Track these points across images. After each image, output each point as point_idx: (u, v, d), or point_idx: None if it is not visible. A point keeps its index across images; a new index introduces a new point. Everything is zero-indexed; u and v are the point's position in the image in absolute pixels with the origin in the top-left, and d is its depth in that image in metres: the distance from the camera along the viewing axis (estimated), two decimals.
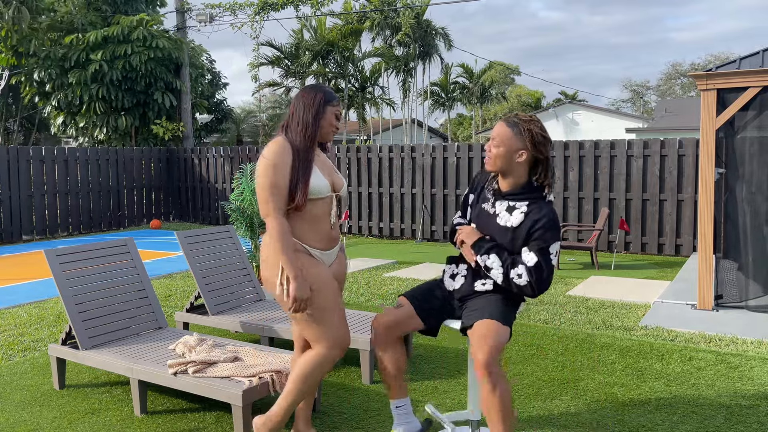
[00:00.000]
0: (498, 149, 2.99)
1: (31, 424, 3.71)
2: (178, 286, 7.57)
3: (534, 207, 2.98)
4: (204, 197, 14.42)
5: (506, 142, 2.97)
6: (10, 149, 11.84)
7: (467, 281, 3.11)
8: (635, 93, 58.69)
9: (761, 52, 6.09)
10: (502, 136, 2.99)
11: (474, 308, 3.00)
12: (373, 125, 35.47)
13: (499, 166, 3.02)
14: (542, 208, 2.97)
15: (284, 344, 5.17)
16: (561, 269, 8.49)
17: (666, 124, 28.11)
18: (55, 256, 4.18)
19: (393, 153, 11.79)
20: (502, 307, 2.97)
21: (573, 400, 3.95)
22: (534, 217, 2.95)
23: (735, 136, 6.00)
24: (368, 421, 3.67)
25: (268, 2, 17.23)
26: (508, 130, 2.98)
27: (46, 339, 5.44)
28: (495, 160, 3.01)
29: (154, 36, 15.45)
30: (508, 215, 3.01)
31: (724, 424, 3.60)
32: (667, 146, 9.55)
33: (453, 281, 3.17)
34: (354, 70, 28.75)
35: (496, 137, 3.00)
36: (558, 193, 10.30)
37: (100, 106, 15.84)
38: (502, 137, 2.98)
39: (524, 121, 2.99)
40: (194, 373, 3.56)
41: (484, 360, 2.75)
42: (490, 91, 36.69)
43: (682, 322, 5.63)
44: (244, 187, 6.43)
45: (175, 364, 3.61)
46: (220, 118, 21.71)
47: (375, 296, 6.87)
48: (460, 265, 3.19)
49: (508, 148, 2.97)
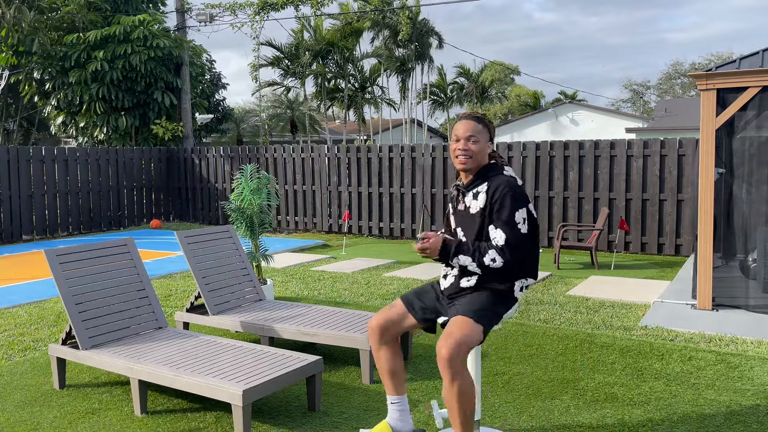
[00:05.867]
0: (477, 144, 3.09)
1: (31, 424, 3.71)
2: (178, 286, 7.57)
3: (491, 183, 3.07)
4: (204, 197, 14.42)
5: (480, 136, 3.10)
6: (10, 149, 11.84)
7: (455, 279, 3.15)
8: (635, 93, 58.71)
9: (761, 52, 6.09)
10: (476, 131, 3.10)
11: (456, 306, 3.06)
12: (373, 125, 35.48)
13: (478, 161, 3.11)
14: (498, 180, 3.06)
15: (284, 344, 5.18)
16: (561, 269, 8.49)
17: (666, 124, 28.12)
18: (55, 256, 4.18)
19: (393, 153, 11.79)
20: (480, 306, 2.98)
21: (573, 400, 3.95)
22: (491, 192, 3.04)
23: (735, 135, 6.00)
24: (368, 421, 3.68)
25: (268, 2, 17.23)
26: (478, 125, 3.12)
27: (46, 339, 5.44)
28: (476, 155, 3.09)
29: (155, 35, 15.45)
30: (475, 201, 3.08)
31: (724, 424, 3.60)
32: (667, 146, 9.55)
33: (445, 280, 3.23)
34: (354, 70, 28.76)
35: (473, 133, 3.09)
36: (558, 193, 10.30)
37: (100, 106, 15.83)
38: (477, 132, 3.10)
39: (482, 116, 3.18)
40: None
41: (446, 354, 2.81)
42: (490, 91, 36.70)
43: (682, 321, 5.63)
44: (244, 187, 6.43)
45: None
46: (220, 118, 21.71)
47: (375, 296, 6.87)
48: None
49: (483, 141, 3.11)
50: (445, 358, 2.80)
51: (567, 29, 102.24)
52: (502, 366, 4.58)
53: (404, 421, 3.30)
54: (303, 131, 29.91)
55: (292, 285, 7.55)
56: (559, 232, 8.88)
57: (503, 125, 37.90)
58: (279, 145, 13.67)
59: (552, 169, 10.38)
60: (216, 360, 3.82)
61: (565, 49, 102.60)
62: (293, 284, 7.60)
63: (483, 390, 4.12)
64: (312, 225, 12.81)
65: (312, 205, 12.76)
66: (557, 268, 8.52)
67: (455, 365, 2.80)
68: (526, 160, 10.56)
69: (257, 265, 6.53)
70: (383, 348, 3.25)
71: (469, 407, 2.86)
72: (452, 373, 2.80)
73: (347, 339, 4.35)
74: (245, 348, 4.03)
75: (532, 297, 6.75)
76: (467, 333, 2.85)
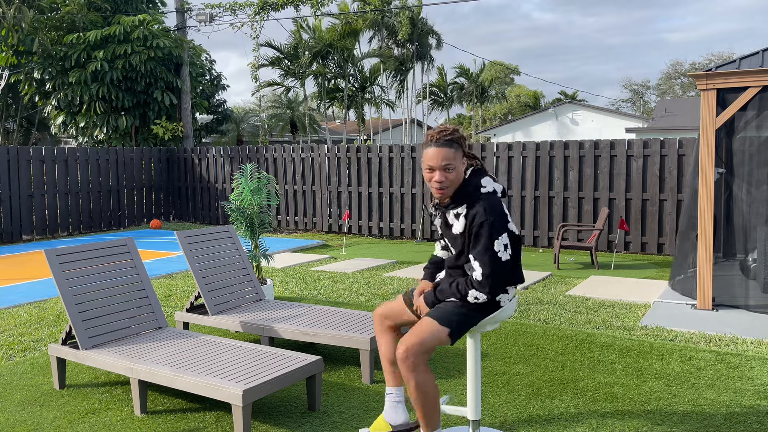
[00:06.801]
0: (454, 171, 2.94)
1: (31, 424, 3.71)
2: (178, 286, 7.57)
3: (470, 208, 2.95)
4: (204, 197, 14.42)
5: (456, 161, 2.94)
6: (10, 149, 11.84)
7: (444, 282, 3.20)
8: (635, 93, 58.71)
9: (761, 51, 6.09)
10: (450, 157, 2.92)
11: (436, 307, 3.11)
12: (373, 125, 35.47)
13: (455, 185, 2.98)
14: (477, 207, 2.93)
15: (284, 344, 5.18)
16: (561, 269, 8.49)
17: (666, 124, 28.12)
18: (55, 256, 4.18)
19: (393, 153, 11.79)
20: (450, 310, 3.01)
21: (573, 400, 3.95)
22: (470, 218, 2.94)
23: (735, 135, 6.00)
24: (368, 421, 3.68)
25: (268, 2, 17.23)
26: (451, 149, 2.93)
27: (46, 339, 5.44)
28: (453, 182, 2.96)
29: (155, 35, 15.45)
30: (457, 222, 3.02)
31: (724, 424, 3.60)
32: (667, 146, 9.55)
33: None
34: (354, 70, 28.75)
35: (448, 162, 2.91)
36: (558, 193, 10.30)
37: (100, 106, 15.83)
38: (451, 159, 2.92)
39: (450, 134, 2.96)
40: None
41: (401, 352, 2.92)
42: (490, 91, 36.70)
43: (682, 321, 5.63)
44: (244, 187, 6.43)
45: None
46: (220, 118, 21.71)
47: (375, 296, 6.87)
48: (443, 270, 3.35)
49: (458, 163, 2.95)
50: (400, 356, 2.93)
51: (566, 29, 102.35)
52: (502, 366, 4.58)
53: (397, 412, 3.38)
54: (303, 131, 29.92)
55: (292, 285, 7.55)
56: (559, 232, 8.88)
57: (504, 125, 37.91)
58: (279, 145, 13.66)
59: (552, 169, 10.38)
60: (216, 360, 3.82)
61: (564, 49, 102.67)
62: (293, 284, 7.60)
63: (483, 390, 4.12)
64: (312, 225, 12.81)
65: (312, 205, 12.76)
66: (557, 268, 8.52)
67: (408, 362, 2.91)
68: (526, 160, 10.56)
69: (257, 265, 6.53)
70: (384, 334, 3.39)
71: (428, 404, 2.98)
72: (406, 369, 2.93)
73: (347, 339, 4.35)
74: (245, 348, 4.03)
75: (532, 297, 6.75)
76: (428, 334, 2.95)
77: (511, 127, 37.06)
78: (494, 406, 3.86)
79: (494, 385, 4.21)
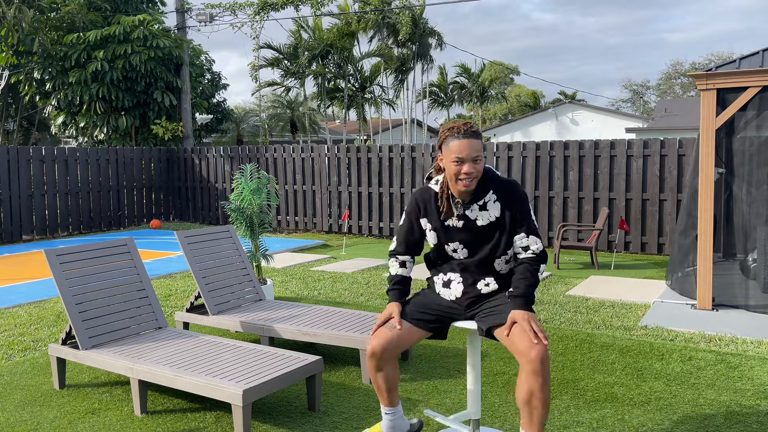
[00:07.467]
0: (480, 164, 2.96)
1: (31, 424, 3.71)
2: (178, 286, 7.57)
3: (500, 192, 3.03)
4: (204, 197, 14.42)
5: (482, 153, 2.99)
6: (10, 149, 11.84)
7: (467, 284, 3.08)
8: (635, 93, 58.71)
9: (761, 51, 6.09)
10: (479, 149, 2.95)
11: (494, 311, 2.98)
12: (373, 125, 35.47)
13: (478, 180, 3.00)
14: (501, 186, 3.03)
15: (284, 344, 5.18)
16: (561, 269, 8.49)
17: (666, 124, 28.12)
18: (55, 256, 4.18)
19: (393, 153, 11.79)
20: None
21: (573, 400, 3.95)
22: (508, 202, 3.02)
23: (735, 135, 6.00)
24: (368, 421, 3.68)
25: (268, 2, 17.23)
26: (478, 141, 2.97)
27: (46, 339, 5.44)
28: (479, 176, 2.97)
29: (155, 35, 15.45)
30: (486, 212, 3.02)
31: (724, 424, 3.60)
32: (667, 146, 9.55)
33: (449, 289, 3.12)
34: (354, 70, 28.75)
35: (478, 153, 2.94)
36: (558, 193, 10.30)
37: (100, 106, 15.83)
38: (480, 150, 2.96)
39: (472, 126, 2.99)
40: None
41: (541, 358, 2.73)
42: (490, 91, 36.69)
43: (682, 321, 5.63)
44: (244, 187, 6.43)
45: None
46: (220, 119, 21.72)
47: (375, 296, 6.87)
48: (448, 273, 3.16)
49: (482, 158, 3.00)
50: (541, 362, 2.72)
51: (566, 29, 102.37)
52: (502, 366, 4.58)
53: (399, 428, 3.24)
54: (303, 131, 29.92)
55: (292, 285, 7.56)
56: (559, 232, 8.88)
57: (504, 125, 37.90)
58: (279, 145, 13.66)
59: (552, 169, 10.38)
60: (216, 360, 3.82)
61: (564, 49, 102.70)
62: (293, 284, 7.60)
63: (483, 390, 4.12)
64: (312, 225, 12.81)
65: (312, 205, 12.76)
66: (557, 268, 8.52)
67: (547, 365, 2.74)
68: (526, 160, 10.56)
69: (257, 265, 6.53)
70: (384, 367, 3.05)
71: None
72: (546, 374, 2.73)
73: (347, 339, 4.35)
74: (245, 348, 4.03)
75: None
76: (540, 328, 2.81)
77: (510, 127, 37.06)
78: (494, 406, 3.86)
79: (494, 385, 4.21)
